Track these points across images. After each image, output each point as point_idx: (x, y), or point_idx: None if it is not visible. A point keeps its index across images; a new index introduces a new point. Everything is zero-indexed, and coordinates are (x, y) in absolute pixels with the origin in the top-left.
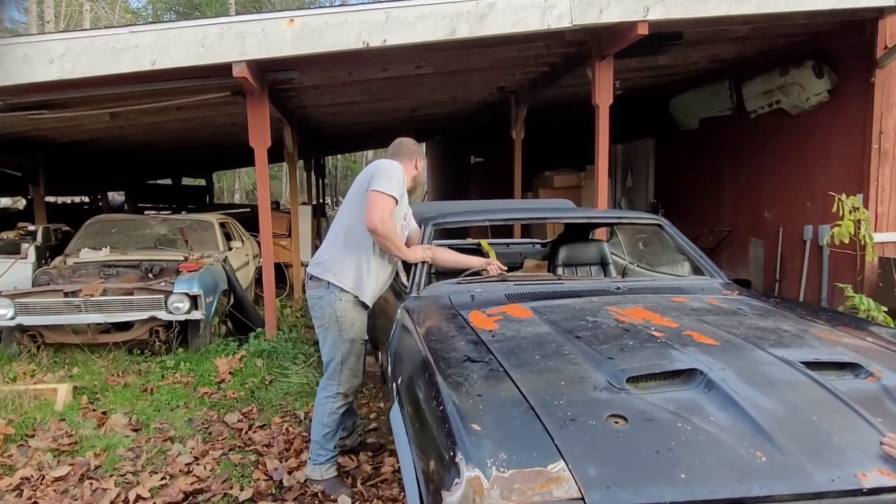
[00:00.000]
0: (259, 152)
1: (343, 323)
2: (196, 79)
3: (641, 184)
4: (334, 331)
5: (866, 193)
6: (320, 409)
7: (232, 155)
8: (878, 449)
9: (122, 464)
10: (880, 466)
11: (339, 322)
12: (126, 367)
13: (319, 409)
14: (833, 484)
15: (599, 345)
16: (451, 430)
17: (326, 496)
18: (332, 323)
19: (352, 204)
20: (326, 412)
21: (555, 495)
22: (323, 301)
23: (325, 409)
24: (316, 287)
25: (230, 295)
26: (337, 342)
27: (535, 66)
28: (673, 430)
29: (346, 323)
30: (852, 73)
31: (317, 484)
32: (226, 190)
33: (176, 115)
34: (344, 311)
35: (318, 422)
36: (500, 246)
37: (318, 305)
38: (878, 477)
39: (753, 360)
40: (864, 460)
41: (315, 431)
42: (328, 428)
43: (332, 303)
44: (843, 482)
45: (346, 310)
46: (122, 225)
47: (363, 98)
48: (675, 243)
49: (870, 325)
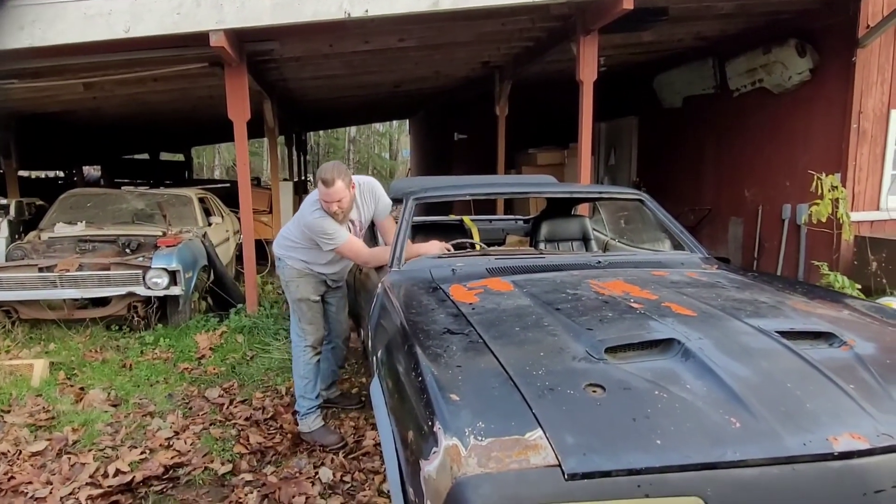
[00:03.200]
0: (238, 125)
1: (290, 286)
2: (173, 48)
3: (624, 162)
4: (287, 295)
5: (844, 173)
6: (296, 364)
7: (211, 129)
8: (850, 414)
9: (100, 438)
10: (851, 431)
11: (287, 286)
12: (104, 343)
13: (296, 363)
14: (805, 448)
15: (579, 316)
16: (429, 400)
17: (318, 445)
18: (285, 288)
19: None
20: (301, 363)
21: (532, 462)
22: (279, 269)
23: (299, 361)
24: (277, 260)
25: (210, 271)
26: (291, 303)
27: (519, 41)
28: (650, 398)
29: (293, 286)
30: (834, 52)
31: (307, 436)
32: (205, 166)
33: (153, 87)
34: (290, 276)
35: (297, 375)
36: (482, 222)
37: (279, 275)
38: (848, 441)
39: (730, 330)
40: (836, 425)
41: (297, 386)
42: (306, 378)
43: (282, 270)
44: (815, 446)
45: (291, 275)
46: (98, 199)
47: (345, 71)
48: (655, 218)
49: (845, 298)
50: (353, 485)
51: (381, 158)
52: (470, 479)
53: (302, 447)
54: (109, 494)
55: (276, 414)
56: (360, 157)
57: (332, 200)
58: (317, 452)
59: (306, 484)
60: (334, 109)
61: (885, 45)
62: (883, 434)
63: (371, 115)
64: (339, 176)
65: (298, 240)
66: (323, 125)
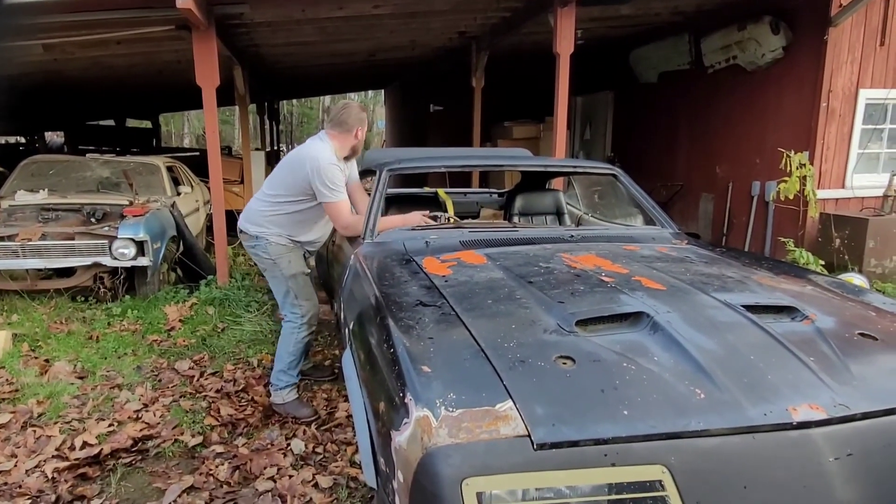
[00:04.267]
0: (207, 91)
1: (280, 263)
2: (136, 9)
3: (599, 136)
4: (276, 271)
5: (812, 151)
6: (286, 341)
7: (179, 96)
8: (809, 386)
9: (66, 411)
10: (810, 402)
11: (276, 264)
12: (69, 315)
13: (286, 341)
14: (766, 418)
15: (551, 290)
16: (401, 372)
17: (292, 417)
18: (271, 267)
19: (288, 181)
20: (293, 341)
21: (502, 433)
22: (257, 248)
23: (291, 338)
24: (247, 239)
25: (179, 241)
26: (281, 280)
27: (496, 11)
28: (618, 370)
29: (283, 262)
30: (807, 30)
31: (280, 407)
32: (174, 134)
33: (116, 50)
34: (279, 253)
35: (284, 351)
36: (457, 195)
37: (254, 253)
38: (807, 411)
39: (697, 304)
40: (796, 396)
41: (281, 360)
42: (293, 356)
43: (264, 248)
44: (775, 416)
45: (279, 252)
46: (62, 166)
47: (319, 38)
48: (628, 193)
49: (808, 273)
50: (325, 456)
51: None
52: (440, 450)
53: (274, 419)
54: (76, 467)
55: (248, 386)
56: None
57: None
58: (289, 424)
59: (278, 455)
60: (308, 78)
61: (856, 25)
62: (840, 405)
63: (346, 84)
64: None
65: (287, 196)
66: (296, 94)
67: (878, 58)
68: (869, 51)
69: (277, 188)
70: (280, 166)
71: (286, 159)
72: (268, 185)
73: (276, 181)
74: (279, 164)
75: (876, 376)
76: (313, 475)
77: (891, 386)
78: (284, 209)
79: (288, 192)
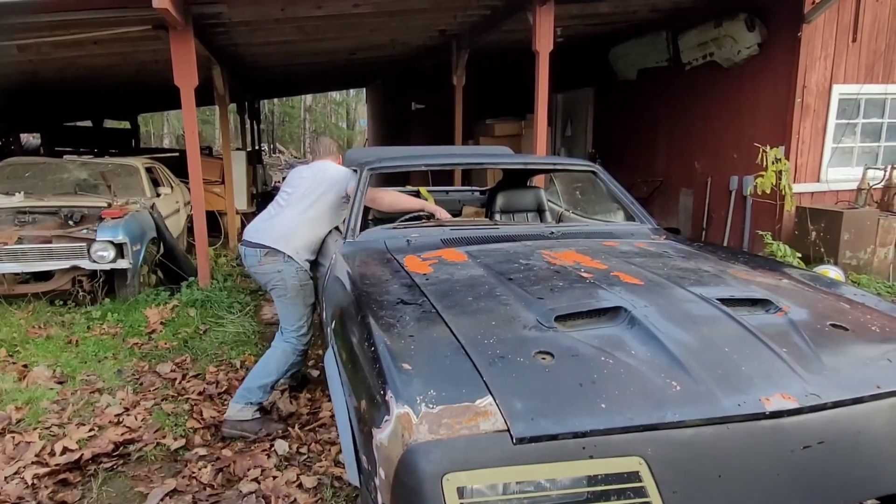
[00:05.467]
0: (185, 91)
1: (305, 290)
2: (112, 9)
3: (581, 133)
4: (299, 300)
5: (788, 145)
6: (279, 360)
7: (158, 96)
8: (782, 376)
9: (46, 417)
10: (782, 392)
11: (301, 290)
12: (48, 319)
13: (279, 360)
14: (739, 408)
15: (531, 286)
16: (381, 369)
17: (259, 434)
18: (297, 293)
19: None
20: (286, 363)
21: (482, 428)
22: (284, 273)
23: (286, 360)
24: (273, 262)
25: (160, 243)
26: (300, 308)
27: (476, 9)
28: (596, 364)
29: (308, 290)
30: (781, 27)
31: (246, 423)
32: (153, 134)
33: (93, 50)
34: (306, 280)
35: (274, 368)
36: (439, 193)
37: (279, 278)
38: (779, 401)
39: (674, 298)
40: (769, 386)
41: (267, 375)
42: (278, 376)
43: (293, 274)
44: (749, 406)
45: (305, 278)
46: (38, 169)
47: (298, 37)
48: (607, 189)
49: (783, 266)
50: (309, 456)
51: (339, 128)
52: (421, 446)
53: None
54: (57, 473)
55: (231, 388)
56: (317, 127)
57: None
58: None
59: (261, 457)
60: (288, 77)
61: (829, 22)
62: (811, 394)
63: (327, 83)
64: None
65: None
66: (277, 93)
67: (850, 54)
68: (842, 47)
69: (319, 208)
70: (320, 182)
71: (313, 179)
72: (313, 196)
73: (316, 201)
74: (304, 182)
75: (847, 366)
76: (297, 475)
77: (861, 375)
78: (320, 230)
79: (330, 209)
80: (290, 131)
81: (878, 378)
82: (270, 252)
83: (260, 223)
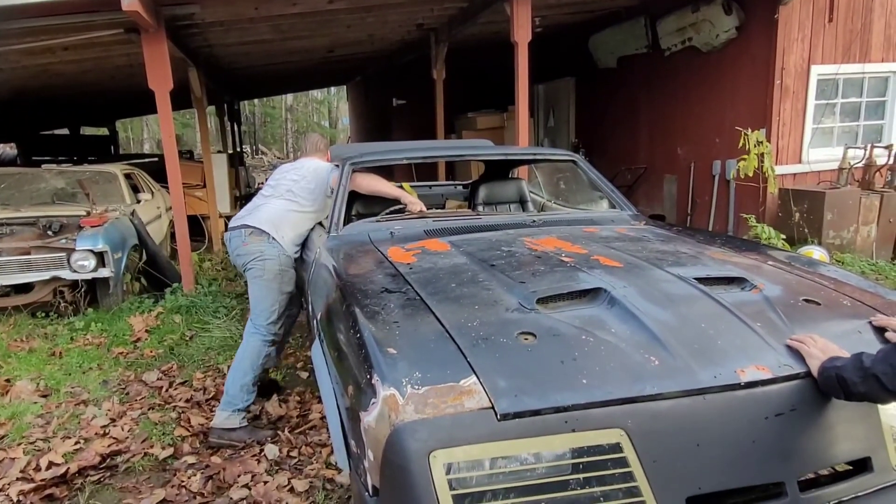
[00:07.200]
0: (160, 95)
1: (283, 277)
2: (81, 13)
3: (563, 123)
4: (275, 284)
5: (769, 128)
6: (253, 355)
7: (135, 101)
8: (756, 349)
9: (30, 431)
10: (756, 363)
11: (280, 276)
12: (30, 332)
13: (252, 354)
14: (715, 380)
15: (513, 271)
16: (367, 355)
17: (248, 443)
18: (274, 276)
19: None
20: (261, 356)
21: (466, 406)
22: (265, 254)
23: (259, 353)
24: (258, 241)
25: (141, 250)
26: (274, 293)
27: (453, 2)
28: (577, 343)
29: (286, 277)
30: (758, 10)
31: (234, 432)
32: (133, 140)
33: (64, 57)
34: (285, 265)
35: (248, 367)
36: (422, 188)
37: (259, 258)
38: (754, 372)
39: (652, 278)
40: (743, 359)
41: (240, 378)
42: (255, 372)
43: (275, 257)
44: (724, 378)
45: (286, 264)
46: (13, 179)
47: (274, 36)
48: (587, 178)
49: (759, 247)
50: (300, 459)
51: (321, 127)
52: (407, 425)
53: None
54: (43, 488)
55: (219, 393)
56: (299, 127)
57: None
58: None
59: (252, 462)
60: (267, 77)
61: (805, 2)
62: (784, 365)
63: (307, 82)
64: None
65: (312, 208)
66: (257, 93)
67: (827, 34)
68: (818, 27)
69: (306, 197)
70: (304, 176)
71: (297, 174)
72: (296, 189)
73: (306, 190)
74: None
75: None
76: (289, 479)
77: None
78: (306, 224)
79: (315, 203)
80: (272, 132)
81: (848, 349)
82: (255, 232)
83: (244, 212)
